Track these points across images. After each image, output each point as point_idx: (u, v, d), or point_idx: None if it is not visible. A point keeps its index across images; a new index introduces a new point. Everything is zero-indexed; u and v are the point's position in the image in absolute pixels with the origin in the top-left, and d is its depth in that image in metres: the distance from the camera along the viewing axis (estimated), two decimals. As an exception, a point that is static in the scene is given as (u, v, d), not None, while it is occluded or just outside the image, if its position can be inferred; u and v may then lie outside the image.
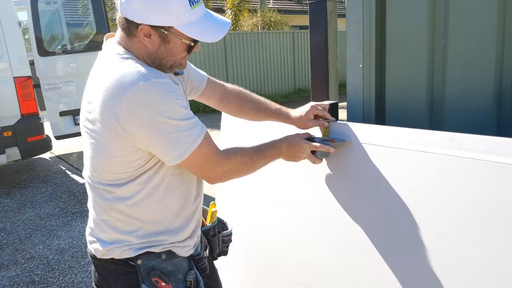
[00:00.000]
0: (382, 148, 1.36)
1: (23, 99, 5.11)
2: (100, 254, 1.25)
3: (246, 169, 1.27)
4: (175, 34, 1.14)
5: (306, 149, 1.35)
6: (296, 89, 13.77)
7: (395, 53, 1.53)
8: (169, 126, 1.10)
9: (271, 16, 14.85)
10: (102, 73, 1.15)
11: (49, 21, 6.01)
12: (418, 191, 1.28)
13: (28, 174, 5.89)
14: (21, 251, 3.60)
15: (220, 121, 1.99)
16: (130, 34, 1.15)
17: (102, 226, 1.25)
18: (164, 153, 1.13)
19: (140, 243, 1.23)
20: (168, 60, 1.19)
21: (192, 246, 1.34)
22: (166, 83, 1.12)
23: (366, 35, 1.55)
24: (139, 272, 1.22)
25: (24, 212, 4.48)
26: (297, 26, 18.16)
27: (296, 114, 1.52)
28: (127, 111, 1.07)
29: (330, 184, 1.53)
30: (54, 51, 5.75)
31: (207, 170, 1.20)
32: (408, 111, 1.55)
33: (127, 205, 1.20)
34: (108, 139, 1.12)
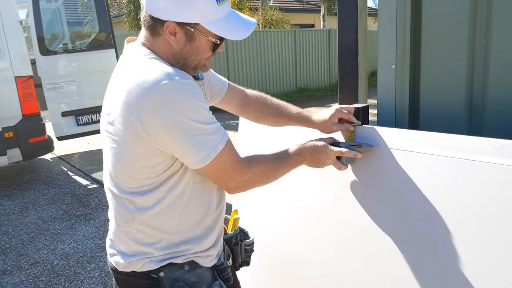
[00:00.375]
0: (414, 154, 1.27)
1: (25, 99, 5.01)
2: (121, 267, 1.22)
3: (268, 178, 1.22)
4: (201, 32, 1.11)
5: (332, 155, 1.29)
6: (298, 88, 13.67)
7: (431, 53, 1.44)
8: (193, 128, 1.06)
9: (272, 15, 14.75)
10: (125, 75, 1.12)
11: (50, 19, 5.90)
12: (456, 202, 1.19)
13: (29, 176, 5.78)
14: (25, 256, 3.50)
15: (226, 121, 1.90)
16: (155, 33, 1.13)
17: (123, 238, 1.22)
18: (187, 156, 1.09)
19: (162, 254, 1.19)
20: (193, 59, 1.15)
21: (215, 255, 1.29)
22: (191, 84, 1.09)
23: (400, 34, 1.45)
24: (162, 285, 1.19)
25: (26, 215, 4.38)
26: (297, 24, 18.08)
27: (319, 117, 1.46)
28: (150, 112, 1.03)
29: (357, 192, 1.44)
30: (55, 50, 5.64)
31: (228, 179, 1.15)
32: (444, 115, 1.45)
33: (149, 215, 1.16)
34: (130, 142, 1.09)
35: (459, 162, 1.19)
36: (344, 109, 1.42)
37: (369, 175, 1.41)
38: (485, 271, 1.15)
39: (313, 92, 13.60)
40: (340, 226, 1.50)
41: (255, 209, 1.84)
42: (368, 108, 1.52)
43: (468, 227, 1.17)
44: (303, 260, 1.65)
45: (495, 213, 1.12)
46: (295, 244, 1.68)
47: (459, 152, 1.20)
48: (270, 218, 1.78)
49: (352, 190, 1.45)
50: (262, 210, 1.81)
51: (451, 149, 1.21)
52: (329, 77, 14.71)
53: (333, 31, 14.61)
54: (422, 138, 1.27)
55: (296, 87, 13.68)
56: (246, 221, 1.85)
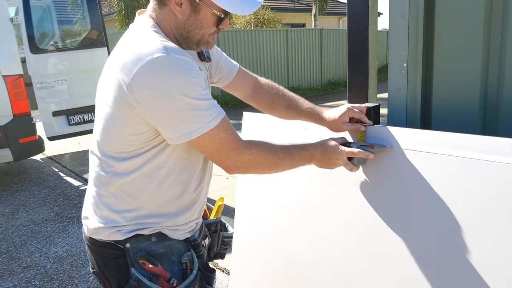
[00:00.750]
0: (428, 154, 1.23)
1: (15, 99, 4.88)
2: (90, 232, 1.24)
3: (269, 165, 1.20)
4: (207, 4, 1.12)
5: (343, 156, 1.25)
6: (290, 87, 13.65)
7: (444, 51, 1.40)
8: (182, 103, 1.06)
9: (264, 14, 14.71)
10: (128, 42, 1.15)
11: (41, 17, 5.78)
12: (471, 203, 1.15)
13: (19, 177, 5.66)
14: (17, 260, 3.41)
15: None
16: (161, 3, 1.15)
17: (96, 201, 1.24)
18: (171, 130, 1.10)
19: (129, 224, 1.20)
20: (196, 33, 1.16)
21: (188, 230, 1.30)
22: (186, 61, 1.09)
23: (412, 31, 1.42)
24: (128, 256, 1.20)
25: (17, 217, 4.28)
26: (288, 24, 18.06)
27: (330, 115, 1.43)
28: (141, 81, 1.05)
29: (367, 193, 1.40)
30: (46, 48, 5.53)
31: (224, 157, 1.15)
32: (457, 113, 1.42)
33: (125, 181, 1.18)
34: (119, 106, 1.11)
35: (474, 163, 1.16)
36: (355, 108, 1.39)
37: (380, 176, 1.36)
38: (498, 273, 1.12)
39: (305, 91, 13.58)
40: (349, 228, 1.46)
41: (259, 209, 1.79)
42: (379, 107, 1.49)
43: (483, 229, 1.14)
44: (309, 262, 1.61)
45: None
46: (301, 246, 1.64)
47: (474, 153, 1.17)
48: (275, 218, 1.73)
49: (362, 191, 1.41)
50: (266, 210, 1.77)
51: (466, 149, 1.17)
52: (320, 77, 14.71)
53: (325, 30, 14.61)
54: (436, 138, 1.23)
55: (288, 86, 13.64)
56: (250, 221, 1.81)
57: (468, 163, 1.17)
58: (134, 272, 1.18)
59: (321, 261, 1.55)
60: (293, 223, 1.65)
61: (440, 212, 1.23)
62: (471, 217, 1.17)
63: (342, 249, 1.49)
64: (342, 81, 15.34)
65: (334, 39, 15.12)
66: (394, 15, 1.44)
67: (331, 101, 12.17)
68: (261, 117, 1.77)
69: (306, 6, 20.36)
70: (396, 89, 1.48)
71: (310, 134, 1.51)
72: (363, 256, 1.42)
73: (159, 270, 1.21)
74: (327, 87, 14.53)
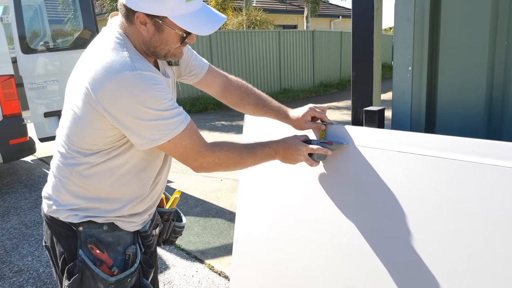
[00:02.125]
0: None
1: (5, 99, 4.80)
2: (50, 211, 1.34)
3: (233, 163, 1.31)
4: (169, 25, 1.18)
5: (304, 152, 1.36)
6: (282, 89, 13.65)
7: (449, 55, 1.40)
8: (149, 115, 1.15)
9: (256, 15, 14.69)
10: (97, 52, 1.21)
11: (32, 17, 5.70)
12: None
13: (9, 178, 5.57)
14: (8, 264, 3.34)
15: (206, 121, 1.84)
16: (128, 20, 1.21)
17: (59, 186, 1.33)
18: (138, 137, 1.18)
19: (85, 209, 1.31)
20: (162, 48, 1.24)
21: (140, 223, 1.41)
22: (152, 76, 1.17)
23: (417, 35, 1.41)
24: (79, 238, 1.30)
25: (8, 220, 4.20)
26: (280, 25, 18.08)
27: (294, 114, 1.54)
28: (109, 96, 1.13)
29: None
30: (37, 48, 5.45)
31: (190, 159, 1.26)
32: (462, 117, 1.42)
33: (87, 173, 1.27)
34: (88, 113, 1.18)
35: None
36: (317, 108, 1.50)
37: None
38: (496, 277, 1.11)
39: (297, 93, 13.60)
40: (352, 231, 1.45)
41: (260, 212, 1.77)
42: (384, 111, 1.48)
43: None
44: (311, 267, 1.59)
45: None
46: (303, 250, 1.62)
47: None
48: (276, 222, 1.71)
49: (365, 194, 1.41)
50: (267, 213, 1.75)
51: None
52: (312, 79, 14.75)
53: (317, 32, 14.65)
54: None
55: (280, 87, 13.65)
56: (250, 224, 1.79)
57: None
58: (81, 253, 1.29)
59: (323, 266, 1.54)
60: (295, 226, 1.64)
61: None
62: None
63: (346, 253, 1.47)
64: (334, 83, 15.39)
65: (326, 41, 15.18)
66: (400, 18, 1.43)
67: (323, 103, 12.10)
68: (262, 120, 1.75)
69: (298, 7, 20.40)
70: (400, 92, 1.48)
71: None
72: (367, 260, 1.41)
73: (105, 256, 1.31)
74: (319, 88, 14.57)
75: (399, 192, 1.30)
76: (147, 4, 1.14)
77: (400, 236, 1.30)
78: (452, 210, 1.18)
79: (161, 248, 3.45)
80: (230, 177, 5.28)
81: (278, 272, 1.67)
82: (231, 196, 4.64)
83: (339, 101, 12.44)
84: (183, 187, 4.97)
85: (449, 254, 1.20)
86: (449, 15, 1.37)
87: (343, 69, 16.29)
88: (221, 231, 3.77)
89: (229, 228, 3.81)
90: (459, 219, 1.18)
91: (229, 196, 4.65)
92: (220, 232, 3.74)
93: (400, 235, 1.30)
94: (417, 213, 1.26)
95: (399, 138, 1.29)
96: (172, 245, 1.58)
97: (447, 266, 1.21)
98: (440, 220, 1.21)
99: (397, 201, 1.30)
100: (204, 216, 4.12)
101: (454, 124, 1.43)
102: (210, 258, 3.28)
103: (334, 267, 1.48)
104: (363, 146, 1.38)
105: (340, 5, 26.04)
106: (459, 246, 1.18)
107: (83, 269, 1.27)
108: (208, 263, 3.20)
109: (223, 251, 3.38)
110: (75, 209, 1.31)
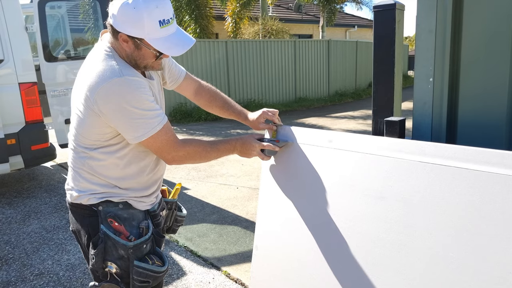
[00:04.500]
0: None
1: (28, 106, 4.93)
2: (73, 199, 1.60)
3: (200, 157, 1.58)
4: (146, 45, 1.43)
5: (257, 148, 1.64)
6: (297, 98, 13.69)
7: (471, 66, 1.41)
8: (134, 113, 1.41)
9: (272, 25, 14.79)
10: (92, 63, 1.47)
11: (55, 26, 5.85)
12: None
13: (30, 183, 5.69)
14: (29, 267, 3.41)
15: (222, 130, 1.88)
16: (114, 37, 1.46)
17: (77, 177, 1.59)
18: (127, 133, 1.45)
19: (103, 192, 1.56)
20: (141, 62, 1.49)
21: (148, 203, 1.66)
22: (137, 81, 1.43)
23: (439, 46, 1.43)
24: (100, 215, 1.56)
25: (29, 224, 4.29)
26: (295, 35, 18.15)
27: (251, 117, 1.84)
28: (103, 98, 1.40)
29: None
30: (59, 56, 5.59)
31: (165, 153, 1.53)
32: (483, 129, 1.43)
33: (96, 165, 1.54)
34: (88, 114, 1.45)
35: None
36: (269, 112, 1.79)
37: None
38: None
39: (312, 102, 13.61)
40: (374, 242, 1.46)
41: (281, 221, 1.79)
42: (405, 121, 1.50)
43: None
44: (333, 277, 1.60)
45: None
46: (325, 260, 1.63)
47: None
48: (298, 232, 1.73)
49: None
50: (289, 222, 1.77)
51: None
52: (328, 88, 14.75)
53: (332, 41, 14.68)
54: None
55: (295, 96, 13.68)
56: (271, 233, 1.81)
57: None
58: (102, 227, 1.53)
59: (347, 274, 1.55)
60: (317, 234, 1.65)
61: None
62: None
63: (368, 264, 1.48)
64: (349, 92, 15.36)
65: (342, 50, 15.19)
66: (421, 30, 1.45)
67: (339, 112, 12.19)
68: (282, 128, 1.79)
69: (313, 17, 20.48)
70: (422, 103, 1.49)
71: (334, 146, 1.54)
72: (395, 271, 1.41)
73: (122, 228, 1.56)
74: (334, 98, 14.56)
75: (420, 203, 1.31)
76: (128, 27, 1.39)
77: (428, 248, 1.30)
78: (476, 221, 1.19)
79: (177, 255, 3.49)
80: (246, 185, 5.31)
81: (300, 280, 1.69)
82: (247, 204, 4.67)
83: (354, 111, 12.41)
84: (200, 195, 5.02)
85: (472, 263, 1.20)
86: (470, 27, 1.38)
87: (358, 78, 16.26)
88: (238, 238, 3.79)
89: (245, 236, 3.83)
90: (482, 231, 1.18)
91: (245, 204, 4.68)
92: (237, 239, 3.77)
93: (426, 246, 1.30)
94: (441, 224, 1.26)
95: (422, 148, 1.30)
96: (175, 233, 1.94)
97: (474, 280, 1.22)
98: (465, 231, 1.21)
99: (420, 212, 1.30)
100: (220, 224, 4.15)
101: (476, 135, 1.44)
102: (227, 265, 3.30)
103: (358, 276, 1.48)
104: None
105: (355, 15, 26.02)
106: (487, 259, 1.18)
107: (105, 240, 1.52)
108: (224, 270, 3.22)
109: (240, 259, 3.40)
110: (93, 193, 1.56)
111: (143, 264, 1.53)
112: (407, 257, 1.36)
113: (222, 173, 5.87)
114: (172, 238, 3.80)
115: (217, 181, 5.56)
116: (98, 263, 1.52)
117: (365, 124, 10.14)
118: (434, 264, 1.30)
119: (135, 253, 1.53)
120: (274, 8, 19.63)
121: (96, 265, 1.53)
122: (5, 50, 4.77)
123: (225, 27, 14.96)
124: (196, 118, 10.70)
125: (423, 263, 1.33)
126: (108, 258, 1.53)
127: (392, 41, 1.47)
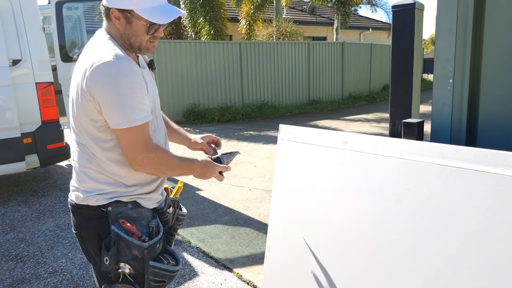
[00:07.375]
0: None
1: (45, 105, 5.00)
2: (79, 200, 1.54)
3: (167, 167, 1.54)
4: (135, 17, 1.44)
5: (217, 170, 1.67)
6: (311, 100, 13.64)
7: (493, 67, 1.38)
8: (122, 98, 1.37)
9: (286, 27, 14.78)
10: (88, 51, 1.48)
11: (72, 27, 5.93)
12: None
13: (45, 182, 5.76)
14: (43, 265, 3.45)
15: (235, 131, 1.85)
16: (108, 19, 1.48)
17: (83, 177, 1.53)
18: (108, 117, 1.41)
19: (111, 192, 1.52)
20: (135, 40, 1.48)
21: (156, 201, 1.64)
22: (129, 66, 1.40)
23: (459, 46, 1.39)
24: (109, 216, 1.52)
25: (43, 222, 4.34)
26: (309, 37, 18.11)
27: (195, 140, 1.95)
28: (93, 80, 1.37)
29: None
30: (75, 57, 5.66)
31: (134, 152, 1.45)
32: (505, 132, 1.39)
33: (102, 161, 1.50)
34: (81, 99, 1.43)
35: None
36: (210, 137, 1.95)
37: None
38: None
39: (326, 104, 13.55)
40: (387, 250, 1.43)
41: (294, 227, 1.77)
42: (423, 123, 1.47)
43: None
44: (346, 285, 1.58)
45: None
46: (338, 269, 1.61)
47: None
48: (311, 240, 1.71)
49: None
50: (301, 229, 1.75)
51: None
52: (341, 90, 14.67)
53: (347, 44, 14.60)
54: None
55: (309, 99, 13.64)
56: (284, 239, 1.79)
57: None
58: (114, 228, 1.50)
59: (362, 282, 1.52)
60: (331, 240, 1.63)
61: None
62: None
63: (385, 269, 1.45)
64: (363, 95, 15.26)
65: (356, 53, 15.10)
66: (441, 29, 1.42)
67: (353, 115, 12.11)
68: (296, 129, 1.76)
69: (328, 19, 20.40)
70: (441, 105, 1.46)
71: (349, 148, 1.51)
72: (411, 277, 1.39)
73: (134, 229, 1.53)
74: (348, 100, 14.47)
75: (438, 207, 1.28)
76: (118, 0, 1.42)
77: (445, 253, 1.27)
78: (497, 226, 1.16)
79: (190, 255, 3.48)
80: (258, 187, 5.29)
81: (312, 283, 1.66)
82: (259, 205, 4.65)
83: (368, 114, 12.31)
84: (213, 196, 5.02)
85: (492, 270, 1.17)
86: (493, 25, 1.35)
87: (372, 81, 16.14)
88: (250, 240, 3.77)
89: (257, 237, 3.81)
90: (504, 237, 1.15)
91: (258, 205, 4.66)
92: (249, 241, 3.75)
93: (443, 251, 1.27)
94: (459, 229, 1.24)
95: (440, 150, 1.27)
96: (176, 232, 1.86)
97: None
98: (485, 237, 1.18)
99: (438, 216, 1.28)
100: (233, 225, 4.14)
101: (497, 138, 1.40)
102: (239, 267, 3.29)
103: (374, 280, 1.46)
104: (401, 157, 1.39)
105: (370, 17, 25.87)
106: (508, 265, 1.15)
107: (118, 241, 1.49)
108: (236, 272, 3.21)
109: (252, 261, 3.38)
110: (101, 194, 1.52)
111: (158, 264, 1.53)
112: (424, 262, 1.33)
113: (234, 175, 5.86)
114: (184, 239, 3.81)
115: (230, 182, 5.56)
116: (111, 264, 1.51)
117: (379, 127, 10.04)
118: (451, 270, 1.27)
119: (150, 253, 1.53)
120: (288, 10, 19.61)
121: (110, 267, 1.52)
122: (22, 50, 4.84)
123: (239, 29, 14.99)
124: (209, 120, 10.73)
125: (440, 268, 1.30)
126: (121, 259, 1.51)
127: (411, 41, 1.44)
